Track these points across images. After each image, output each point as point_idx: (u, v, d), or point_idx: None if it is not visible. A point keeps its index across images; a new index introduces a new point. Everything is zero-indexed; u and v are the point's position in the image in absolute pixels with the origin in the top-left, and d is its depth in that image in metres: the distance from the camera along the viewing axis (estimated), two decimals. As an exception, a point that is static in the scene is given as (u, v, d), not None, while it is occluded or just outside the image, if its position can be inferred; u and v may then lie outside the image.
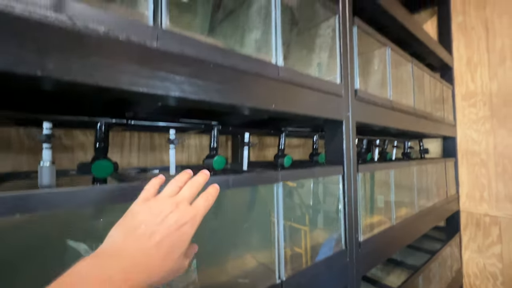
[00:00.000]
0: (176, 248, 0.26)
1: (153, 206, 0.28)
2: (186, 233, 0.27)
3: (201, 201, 0.31)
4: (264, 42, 0.54)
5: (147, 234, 0.25)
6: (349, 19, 0.73)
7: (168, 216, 0.27)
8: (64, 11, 0.29)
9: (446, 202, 1.38)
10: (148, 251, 0.25)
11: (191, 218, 0.28)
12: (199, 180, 0.33)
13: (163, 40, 0.37)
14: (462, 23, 1.55)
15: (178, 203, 0.28)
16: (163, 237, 0.26)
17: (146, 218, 0.27)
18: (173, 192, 0.30)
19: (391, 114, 0.89)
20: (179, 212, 0.27)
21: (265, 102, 0.49)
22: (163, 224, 0.26)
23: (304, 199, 0.71)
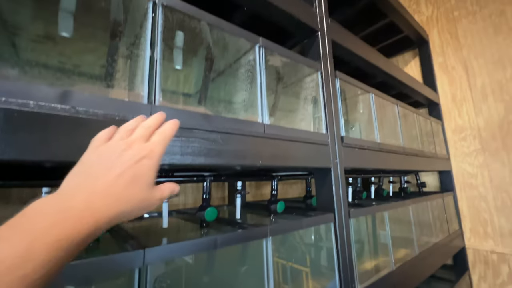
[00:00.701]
0: (139, 178, 0.25)
1: (104, 149, 0.26)
2: (145, 164, 0.26)
3: (156, 137, 0.29)
4: (250, 102, 0.59)
5: (104, 170, 0.24)
6: (331, 73, 0.80)
7: (122, 154, 0.26)
8: (68, 102, 0.34)
9: (449, 239, 1.34)
10: (108, 181, 0.23)
11: (148, 152, 0.27)
12: (152, 120, 0.31)
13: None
14: (443, 63, 1.67)
15: (131, 142, 0.27)
16: (122, 170, 0.24)
17: (99, 159, 0.25)
18: (125, 135, 0.28)
19: (379, 155, 0.92)
20: (133, 149, 0.26)
21: (252, 160, 0.52)
22: (119, 160, 0.25)
23: (305, 237, 0.70)
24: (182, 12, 0.49)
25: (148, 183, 0.26)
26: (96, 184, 0.23)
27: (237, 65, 0.63)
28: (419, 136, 1.33)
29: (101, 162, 0.25)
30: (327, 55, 0.79)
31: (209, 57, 0.60)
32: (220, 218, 0.71)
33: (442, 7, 1.69)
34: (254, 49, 0.62)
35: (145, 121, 0.31)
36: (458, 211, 1.53)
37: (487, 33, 1.48)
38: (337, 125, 0.77)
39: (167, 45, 0.48)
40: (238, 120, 0.52)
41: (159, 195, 0.28)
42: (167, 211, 0.61)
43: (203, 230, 0.64)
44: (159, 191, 0.28)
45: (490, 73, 1.45)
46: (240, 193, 0.75)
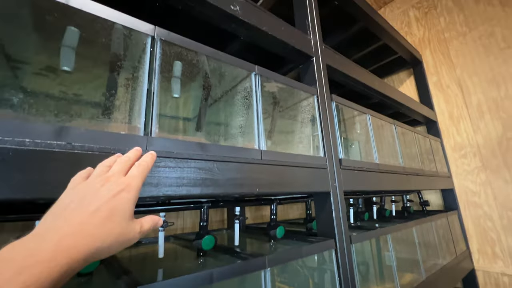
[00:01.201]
0: (116, 212, 0.25)
1: (82, 187, 0.27)
2: (123, 198, 0.26)
3: (134, 170, 0.30)
4: (247, 128, 0.60)
5: (79, 208, 0.24)
6: (327, 97, 0.81)
7: (99, 189, 0.26)
8: (64, 138, 0.34)
9: (457, 261, 1.30)
10: (83, 219, 0.23)
11: (126, 185, 0.27)
12: (128, 156, 0.32)
13: (152, 146, 0.42)
14: (438, 82, 1.70)
15: (108, 177, 0.28)
16: (98, 205, 0.24)
17: (75, 197, 0.26)
18: (102, 172, 0.29)
19: (379, 177, 0.92)
20: (110, 184, 0.27)
21: (249, 188, 0.52)
22: (96, 196, 0.25)
23: (306, 260, 0.68)
24: (179, 46, 0.50)
25: (126, 217, 0.26)
26: (70, 223, 0.23)
27: (233, 92, 0.65)
28: (418, 154, 1.33)
29: (77, 200, 0.25)
30: (323, 80, 0.81)
31: (206, 85, 0.62)
32: (218, 246, 0.69)
33: (433, 29, 1.76)
34: (250, 77, 0.63)
35: (122, 156, 0.32)
36: (464, 230, 1.49)
37: (479, 53, 1.52)
38: (335, 148, 0.77)
39: (165, 76, 0.50)
40: (235, 148, 0.53)
41: (138, 228, 0.27)
42: (163, 240, 0.60)
43: (200, 259, 0.62)
44: (138, 224, 0.28)
45: (485, 91, 1.48)
46: (239, 219, 0.73)
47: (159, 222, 0.31)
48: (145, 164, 0.31)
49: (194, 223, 1.17)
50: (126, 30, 0.46)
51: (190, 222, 1.17)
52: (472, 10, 1.58)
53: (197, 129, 0.57)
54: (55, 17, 0.42)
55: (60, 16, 0.42)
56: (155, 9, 0.61)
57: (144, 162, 0.31)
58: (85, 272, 0.46)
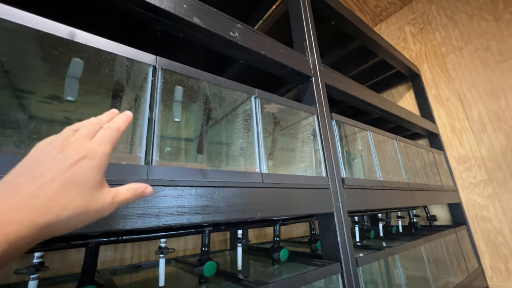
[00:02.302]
0: (74, 182, 0.22)
1: (39, 152, 0.24)
2: (84, 166, 0.23)
3: (101, 133, 0.26)
4: (247, 151, 0.60)
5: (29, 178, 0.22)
6: (327, 116, 0.81)
7: (56, 157, 0.23)
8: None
9: (470, 279, 1.24)
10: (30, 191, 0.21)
11: (88, 152, 0.24)
12: (99, 118, 0.28)
13: (152, 176, 0.41)
14: (437, 95, 1.71)
15: (69, 143, 0.24)
16: (52, 176, 0.22)
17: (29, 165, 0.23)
18: (66, 136, 0.25)
19: (383, 194, 0.90)
20: (69, 150, 0.24)
21: (250, 213, 0.51)
22: (51, 165, 0.22)
23: None
24: (180, 73, 0.52)
25: (87, 187, 0.23)
26: (15, 196, 0.20)
27: (234, 114, 0.65)
28: (422, 168, 1.31)
29: (29, 169, 0.22)
30: (322, 99, 0.82)
31: (206, 109, 0.63)
32: (220, 271, 0.67)
33: (429, 44, 1.79)
34: (250, 100, 0.64)
35: (93, 118, 0.29)
36: (475, 246, 1.44)
37: (476, 67, 1.54)
38: (337, 166, 0.76)
39: (165, 103, 0.50)
40: (236, 172, 0.52)
41: (110, 198, 0.25)
42: (163, 268, 0.58)
43: (202, 286, 0.60)
44: (110, 194, 0.25)
45: (485, 104, 1.48)
46: (241, 242, 0.72)
47: (145, 191, 0.28)
48: (115, 126, 0.28)
49: (196, 244, 1.15)
50: (128, 61, 0.47)
51: (192, 243, 1.15)
52: (466, 25, 1.61)
53: (198, 151, 0.57)
54: (60, 52, 0.43)
55: (65, 50, 0.43)
56: (156, 37, 0.63)
57: (114, 123, 0.28)
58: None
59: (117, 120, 0.29)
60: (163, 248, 0.58)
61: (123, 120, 0.29)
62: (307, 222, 1.44)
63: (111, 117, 0.30)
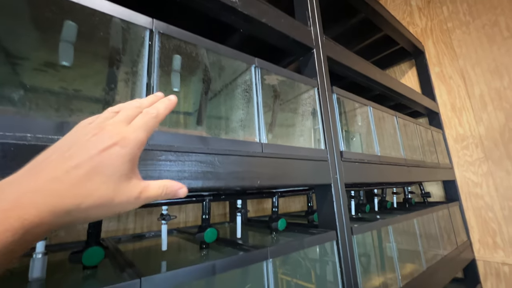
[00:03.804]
0: (101, 170, 0.21)
1: (79, 132, 0.23)
2: (114, 154, 0.22)
3: (139, 120, 0.25)
4: (247, 122, 0.60)
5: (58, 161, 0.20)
6: (327, 89, 0.80)
7: (89, 140, 0.22)
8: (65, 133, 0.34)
9: (458, 251, 1.31)
10: (55, 175, 0.20)
11: (121, 138, 0.22)
12: (141, 101, 0.27)
13: (153, 141, 0.42)
14: (440, 73, 1.68)
15: (105, 125, 0.23)
16: (80, 161, 0.20)
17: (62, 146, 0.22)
18: (105, 119, 0.25)
19: (380, 168, 0.92)
20: (102, 134, 0.22)
21: (250, 181, 0.52)
22: (82, 149, 0.21)
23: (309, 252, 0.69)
24: (178, 38, 0.50)
25: (115, 177, 0.22)
26: (39, 177, 0.19)
27: (234, 85, 0.64)
28: (420, 146, 1.33)
29: (61, 150, 0.21)
30: (323, 72, 0.81)
31: (206, 79, 0.61)
32: (220, 238, 0.70)
33: (436, 19, 1.73)
34: (250, 70, 0.63)
35: (133, 101, 0.27)
36: (465, 221, 1.49)
37: (482, 43, 1.50)
38: (336, 140, 0.77)
39: (164, 70, 0.49)
40: (236, 141, 0.53)
41: (137, 192, 0.23)
42: (166, 233, 0.60)
43: (203, 251, 0.63)
44: (138, 188, 0.23)
45: (487, 82, 1.46)
46: (241, 212, 0.74)
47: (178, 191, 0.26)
48: (154, 112, 0.26)
49: (197, 217, 1.18)
50: (124, 24, 0.45)
51: (192, 216, 1.18)
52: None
53: (198, 123, 0.57)
54: (52, 12, 0.41)
55: (58, 11, 0.42)
56: (154, 1, 0.60)
57: (153, 109, 0.26)
58: (90, 265, 0.47)
59: (157, 106, 0.27)
60: (165, 215, 0.60)
61: (164, 106, 0.27)
62: (305, 196, 1.47)
63: (153, 101, 0.28)
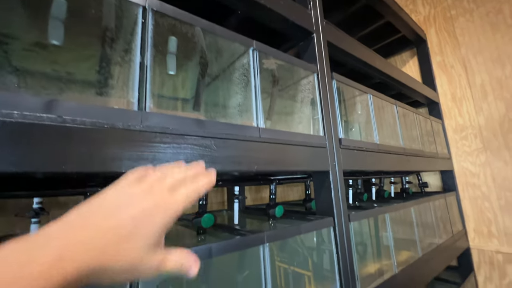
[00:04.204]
0: (140, 233, 0.21)
1: (127, 189, 0.24)
2: (154, 222, 0.22)
3: (184, 190, 0.25)
4: (245, 106, 0.59)
5: (103, 215, 0.21)
6: (327, 75, 0.79)
7: (136, 199, 0.23)
8: (54, 111, 0.33)
9: (453, 240, 1.32)
10: (99, 231, 0.20)
11: (165, 208, 0.23)
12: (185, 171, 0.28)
13: (146, 122, 0.40)
14: (441, 62, 1.66)
15: (153, 186, 0.24)
16: (122, 220, 0.21)
17: (113, 199, 0.23)
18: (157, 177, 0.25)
19: (379, 157, 0.91)
20: (150, 198, 0.23)
21: (247, 165, 0.51)
22: (126, 206, 0.22)
23: (306, 240, 0.69)
24: (173, 17, 0.48)
25: (148, 243, 0.22)
26: (81, 230, 0.20)
27: (231, 69, 0.62)
28: (419, 136, 1.32)
29: (106, 204, 0.22)
30: (323, 57, 0.79)
31: (202, 62, 0.60)
32: (218, 225, 0.70)
33: (439, 6, 1.69)
34: (248, 53, 0.61)
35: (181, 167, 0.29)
36: (462, 211, 1.51)
37: (485, 31, 1.47)
38: (335, 127, 0.76)
39: (159, 50, 0.47)
40: (232, 125, 0.51)
41: (156, 264, 0.22)
42: (162, 218, 0.60)
43: (200, 237, 0.63)
44: (158, 259, 0.23)
45: (489, 71, 1.44)
46: (238, 198, 0.74)
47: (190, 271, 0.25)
48: (196, 189, 0.26)
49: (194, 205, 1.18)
50: (116, 0, 0.43)
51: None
52: (480, -15, 1.51)
53: (194, 107, 0.55)
54: (39, -15, 0.39)
55: (44, -16, 0.39)
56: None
57: (196, 185, 0.27)
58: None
59: (200, 183, 0.27)
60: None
61: (205, 184, 0.28)
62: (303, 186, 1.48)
63: (196, 172, 0.29)
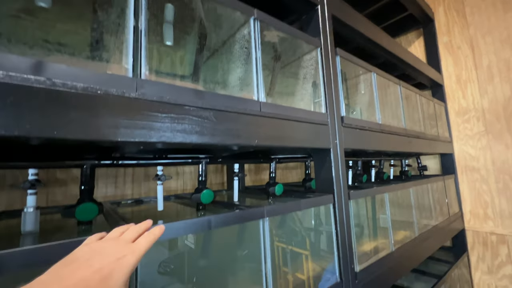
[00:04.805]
0: (116, 273, 0.27)
1: (94, 246, 0.29)
2: (126, 262, 0.28)
3: (143, 239, 0.32)
4: (245, 80, 0.56)
5: (85, 264, 0.26)
6: (331, 50, 0.76)
7: (107, 249, 0.28)
8: (43, 74, 0.31)
9: (449, 221, 1.34)
10: (86, 275, 0.25)
11: (131, 251, 0.29)
12: (140, 226, 0.35)
13: (142, 90, 0.39)
14: (448, 43, 1.60)
15: (118, 240, 0.30)
16: (102, 264, 0.26)
17: (85, 253, 0.28)
18: (114, 236, 0.32)
19: (380, 137, 0.90)
20: (118, 246, 0.29)
21: (247, 139, 0.50)
22: (102, 256, 0.28)
23: (304, 220, 0.70)
24: (168, -22, 0.45)
25: (122, 281, 0.27)
26: (74, 276, 0.25)
27: (231, 41, 0.60)
28: (421, 118, 1.30)
29: (86, 257, 0.27)
30: (327, 31, 0.75)
31: (201, 32, 0.57)
32: (217, 202, 0.70)
33: (449, -17, 1.61)
34: (248, 23, 0.58)
35: (134, 226, 0.35)
36: (459, 193, 1.52)
37: (496, 10, 1.41)
38: (337, 104, 0.74)
39: (154, 15, 0.45)
40: (232, 97, 0.50)
41: None
42: (161, 193, 0.60)
43: (200, 212, 0.63)
44: None
45: (497, 52, 1.40)
46: (238, 176, 0.73)
47: None
48: (153, 236, 0.33)
49: (194, 185, 1.19)
50: (105, -43, 0.40)
51: (190, 184, 1.19)
52: (495, -41, 1.42)
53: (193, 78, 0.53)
54: None
55: None
56: None
57: (152, 234, 0.33)
58: (84, 220, 0.46)
59: (154, 231, 0.34)
60: (160, 175, 0.59)
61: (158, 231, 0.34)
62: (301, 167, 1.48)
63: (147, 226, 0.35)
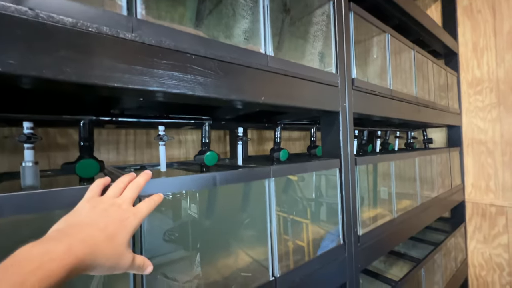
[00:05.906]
0: (120, 233, 0.28)
1: (97, 205, 0.30)
2: (129, 223, 0.30)
3: (144, 205, 0.33)
4: (252, 31, 0.51)
5: (91, 223, 0.28)
6: (344, 4, 0.69)
7: (111, 213, 0.30)
8: (24, 2, 0.27)
9: (450, 193, 1.35)
10: (92, 233, 0.27)
11: (133, 214, 0.31)
12: (139, 181, 0.35)
13: (139, 31, 0.35)
14: (468, 7, 1.49)
15: (120, 204, 0.31)
16: (107, 224, 0.28)
17: (90, 213, 0.29)
18: (115, 194, 0.33)
19: (391, 103, 0.86)
20: (121, 210, 0.30)
21: (253, 95, 0.47)
22: (107, 218, 0.29)
23: (305, 192, 0.69)
24: None
25: (125, 241, 0.29)
26: (80, 232, 0.26)
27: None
28: (433, 88, 1.25)
29: (90, 214, 0.29)
30: (342, -19, 0.68)
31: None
32: (221, 165, 0.69)
33: None
34: (256, -35, 0.51)
35: (135, 181, 0.35)
36: (463, 166, 1.51)
37: (526, -33, 1.28)
38: (349, 65, 0.69)
39: None
40: (238, 48, 0.45)
41: (131, 259, 0.29)
42: (164, 154, 0.58)
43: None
44: (131, 255, 0.30)
45: (520, 16, 1.30)
46: (242, 140, 0.71)
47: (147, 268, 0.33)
48: (153, 203, 0.34)
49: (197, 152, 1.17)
50: None
51: (192, 152, 1.17)
52: None
53: (196, 24, 0.48)
54: None
55: None
56: None
57: (153, 200, 0.34)
58: (85, 176, 0.45)
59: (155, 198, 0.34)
60: (162, 135, 0.57)
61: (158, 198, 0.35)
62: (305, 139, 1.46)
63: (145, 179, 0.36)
